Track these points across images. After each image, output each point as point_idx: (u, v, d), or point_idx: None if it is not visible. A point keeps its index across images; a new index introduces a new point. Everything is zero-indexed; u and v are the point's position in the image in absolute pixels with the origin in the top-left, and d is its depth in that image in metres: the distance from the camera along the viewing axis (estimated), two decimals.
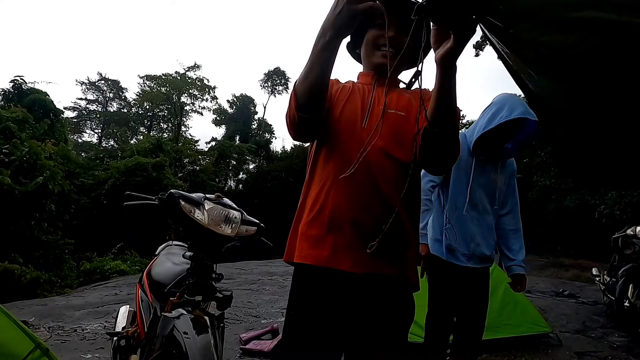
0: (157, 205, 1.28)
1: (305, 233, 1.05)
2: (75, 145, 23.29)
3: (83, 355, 2.96)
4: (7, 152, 8.31)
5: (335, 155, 1.05)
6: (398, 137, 1.04)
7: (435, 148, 0.96)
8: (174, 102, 27.03)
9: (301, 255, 1.05)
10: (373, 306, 1.01)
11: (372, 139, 0.97)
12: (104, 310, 4.49)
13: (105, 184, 13.06)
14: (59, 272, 8.64)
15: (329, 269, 1.01)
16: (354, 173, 0.96)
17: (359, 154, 0.96)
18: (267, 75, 30.16)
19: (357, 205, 1.01)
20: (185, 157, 20.99)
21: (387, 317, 1.03)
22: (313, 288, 1.04)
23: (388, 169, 1.02)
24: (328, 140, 1.07)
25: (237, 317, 4.15)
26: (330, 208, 1.02)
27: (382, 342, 1.02)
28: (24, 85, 12.24)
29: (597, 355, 3.10)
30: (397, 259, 1.03)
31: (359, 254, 0.98)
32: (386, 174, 1.02)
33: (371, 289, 1.01)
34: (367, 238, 0.96)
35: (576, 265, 9.46)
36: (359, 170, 0.97)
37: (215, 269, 1.28)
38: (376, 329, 1.02)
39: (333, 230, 1.01)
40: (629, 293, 3.66)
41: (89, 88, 28.13)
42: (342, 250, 1.00)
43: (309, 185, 1.11)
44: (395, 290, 1.04)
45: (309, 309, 1.04)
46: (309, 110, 0.97)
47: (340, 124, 1.06)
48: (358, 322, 1.01)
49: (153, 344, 1.21)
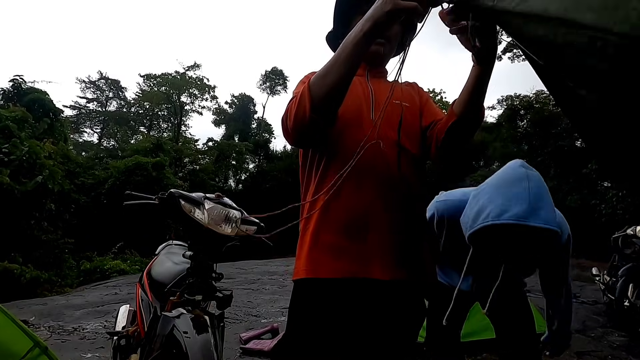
0: (157, 205, 1.28)
1: (321, 243, 0.95)
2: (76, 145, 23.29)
3: (83, 355, 2.96)
4: (7, 152, 8.30)
5: (343, 152, 0.95)
6: (406, 128, 0.99)
7: (456, 142, 0.95)
8: (173, 101, 27.02)
9: (319, 270, 0.94)
10: (394, 312, 0.95)
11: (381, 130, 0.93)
12: (104, 310, 4.49)
13: (105, 184, 13.06)
14: (59, 272, 8.64)
15: (354, 279, 0.91)
16: (370, 169, 0.93)
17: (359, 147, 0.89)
18: (265, 75, 30.11)
19: (378, 206, 0.93)
20: (185, 157, 21.00)
21: (405, 321, 0.98)
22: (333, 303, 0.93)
23: (403, 162, 0.96)
24: (333, 138, 0.97)
25: (237, 317, 4.15)
26: (347, 211, 0.93)
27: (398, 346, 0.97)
28: (24, 85, 12.22)
29: (597, 355, 3.10)
30: (418, 260, 0.98)
31: (385, 260, 0.92)
32: (402, 168, 0.96)
33: (397, 295, 0.94)
34: (392, 240, 0.92)
35: (576, 265, 9.45)
36: (377, 166, 0.93)
37: (215, 269, 1.28)
38: (394, 334, 0.97)
39: (354, 236, 0.92)
40: (628, 293, 3.66)
41: (88, 87, 28.12)
42: (367, 258, 0.92)
43: (314, 189, 0.99)
44: (415, 294, 1.00)
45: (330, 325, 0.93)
46: (325, 112, 0.86)
47: (345, 119, 0.96)
48: (376, 330, 0.95)
49: (153, 344, 1.21)
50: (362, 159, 0.90)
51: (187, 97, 27.61)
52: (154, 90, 27.03)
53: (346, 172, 0.90)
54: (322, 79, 0.86)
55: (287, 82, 29.75)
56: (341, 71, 0.84)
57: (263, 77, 30.10)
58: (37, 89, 12.39)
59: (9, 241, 7.83)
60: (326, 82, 0.85)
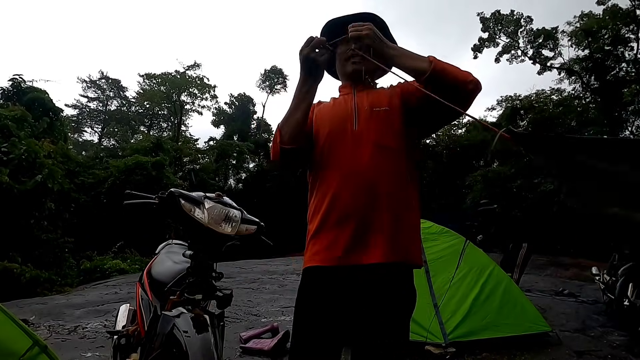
0: (157, 204, 1.27)
1: (316, 237, 1.16)
2: (76, 144, 23.28)
3: (83, 354, 2.96)
4: (6, 151, 8.28)
5: (332, 161, 1.17)
6: (386, 128, 1.16)
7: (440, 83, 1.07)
8: (173, 100, 26.99)
9: (314, 259, 1.14)
10: (378, 293, 1.08)
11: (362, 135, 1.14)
12: (104, 309, 4.49)
13: (105, 183, 13.05)
14: (59, 271, 8.62)
15: (341, 266, 1.10)
16: (355, 169, 1.11)
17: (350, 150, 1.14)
18: (265, 74, 30.04)
19: (361, 200, 1.10)
20: (185, 156, 20.99)
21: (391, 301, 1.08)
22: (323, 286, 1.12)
23: (384, 158, 1.14)
24: (322, 151, 1.20)
25: (237, 316, 4.15)
26: (336, 207, 1.12)
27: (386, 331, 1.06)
28: (23, 84, 12.19)
29: (597, 354, 3.10)
30: (400, 243, 1.11)
31: (368, 246, 1.08)
32: (382, 165, 1.13)
33: (378, 277, 1.08)
34: (374, 228, 1.08)
35: (576, 264, 9.46)
36: (359, 167, 1.11)
37: (215, 268, 1.28)
38: (381, 316, 1.07)
39: (341, 230, 1.10)
40: (628, 292, 3.66)
41: (89, 86, 28.11)
42: (351, 246, 1.09)
43: (313, 195, 1.22)
44: (398, 274, 1.11)
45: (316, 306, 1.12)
46: (291, 143, 1.17)
47: (330, 134, 1.19)
48: (364, 312, 1.07)
49: (153, 343, 1.21)
50: (343, 165, 1.13)
51: (187, 97, 27.60)
52: (154, 89, 27.00)
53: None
54: (285, 120, 1.19)
55: (287, 80, 29.72)
56: (296, 114, 1.17)
57: (263, 76, 30.06)
58: (37, 88, 12.35)
59: (8, 240, 7.81)
60: (288, 122, 1.18)
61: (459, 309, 3.07)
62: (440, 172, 19.10)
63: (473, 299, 3.12)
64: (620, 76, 14.13)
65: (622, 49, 14.13)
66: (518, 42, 17.03)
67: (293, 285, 6.21)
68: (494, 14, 16.79)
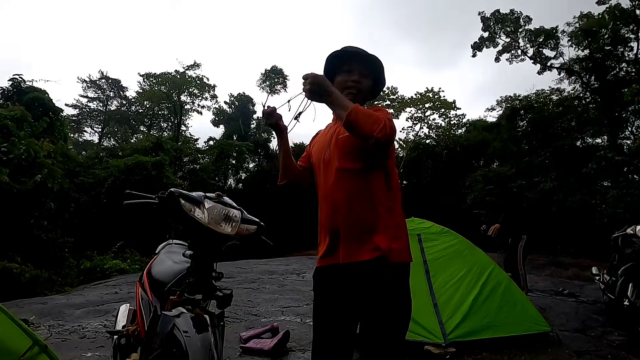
0: (157, 204, 1.27)
1: (318, 245, 1.44)
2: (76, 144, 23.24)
3: (83, 354, 2.96)
4: (5, 151, 8.28)
5: (317, 184, 1.46)
6: (347, 153, 1.35)
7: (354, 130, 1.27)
8: (174, 100, 26.96)
9: (317, 262, 1.44)
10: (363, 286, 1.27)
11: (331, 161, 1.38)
12: (104, 309, 4.49)
13: (105, 183, 13.03)
14: (59, 271, 8.61)
15: (328, 266, 1.36)
16: (326, 192, 1.37)
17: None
18: (264, 74, 29.96)
19: (332, 217, 1.34)
20: (185, 156, 20.97)
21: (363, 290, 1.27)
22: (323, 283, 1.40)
23: (346, 180, 1.33)
24: (314, 176, 1.51)
25: (237, 316, 4.15)
26: (320, 224, 1.40)
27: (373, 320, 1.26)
28: (23, 84, 12.18)
29: (597, 354, 3.10)
30: (372, 243, 1.27)
31: (337, 251, 1.32)
32: (344, 186, 1.32)
33: (355, 273, 1.28)
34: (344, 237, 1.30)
35: (576, 264, 9.46)
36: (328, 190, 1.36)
37: (215, 268, 1.28)
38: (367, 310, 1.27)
39: (324, 239, 1.38)
40: (628, 292, 3.66)
41: (90, 86, 28.06)
42: (329, 251, 1.35)
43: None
44: (376, 269, 1.26)
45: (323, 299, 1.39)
46: (282, 179, 1.54)
47: (314, 163, 1.49)
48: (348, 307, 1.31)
49: (153, 343, 1.21)
50: (320, 189, 1.42)
51: (187, 97, 27.54)
52: (154, 89, 26.97)
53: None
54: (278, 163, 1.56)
55: (287, 80, 29.63)
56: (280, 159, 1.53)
57: (263, 76, 29.99)
58: (37, 87, 12.33)
59: (8, 240, 7.81)
60: (278, 165, 1.55)
61: (459, 309, 3.07)
62: (440, 172, 19.10)
63: (473, 299, 3.12)
64: (620, 76, 14.10)
65: (622, 49, 14.12)
66: (518, 42, 17.02)
67: (293, 285, 6.21)
68: (494, 14, 16.79)
